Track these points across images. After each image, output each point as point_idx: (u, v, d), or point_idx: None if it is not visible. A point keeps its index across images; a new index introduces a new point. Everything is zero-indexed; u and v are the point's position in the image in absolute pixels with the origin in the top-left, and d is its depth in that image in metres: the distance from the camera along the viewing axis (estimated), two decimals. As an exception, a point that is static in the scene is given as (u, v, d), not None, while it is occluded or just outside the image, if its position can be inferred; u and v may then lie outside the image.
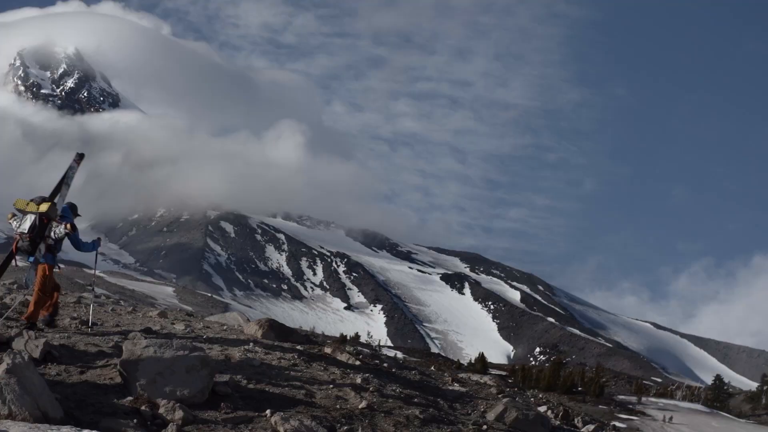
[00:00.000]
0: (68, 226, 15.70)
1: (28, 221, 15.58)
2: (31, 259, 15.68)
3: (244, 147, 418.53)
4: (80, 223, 16.74)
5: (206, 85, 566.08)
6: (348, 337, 54.47)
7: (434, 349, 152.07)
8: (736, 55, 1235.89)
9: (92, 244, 16.62)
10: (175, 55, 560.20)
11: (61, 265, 17.11)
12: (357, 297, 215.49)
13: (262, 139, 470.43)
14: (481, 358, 51.21)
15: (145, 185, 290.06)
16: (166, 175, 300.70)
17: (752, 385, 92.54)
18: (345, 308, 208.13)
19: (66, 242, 16.11)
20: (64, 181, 16.08)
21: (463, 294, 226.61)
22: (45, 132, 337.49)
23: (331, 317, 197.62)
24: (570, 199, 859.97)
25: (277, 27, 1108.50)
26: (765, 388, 64.94)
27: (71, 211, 16.57)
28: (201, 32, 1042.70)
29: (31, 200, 15.73)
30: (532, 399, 23.57)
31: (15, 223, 15.84)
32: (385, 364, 17.99)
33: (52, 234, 15.69)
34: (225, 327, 19.11)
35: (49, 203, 15.61)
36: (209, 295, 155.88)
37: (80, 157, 16.60)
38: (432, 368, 25.62)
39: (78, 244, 16.31)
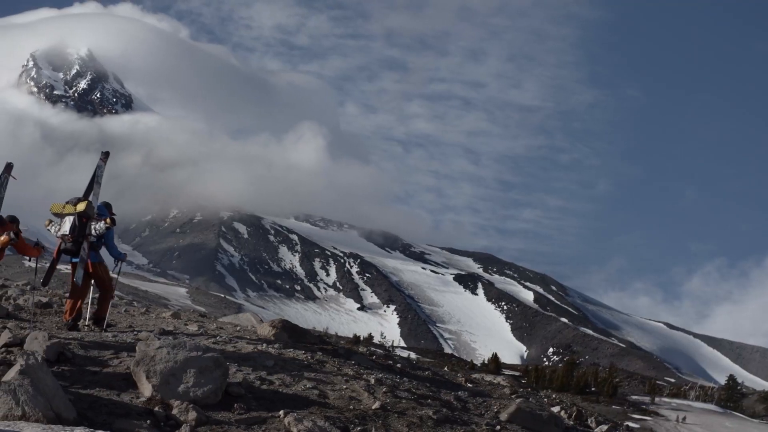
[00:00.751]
0: (108, 220, 16.09)
1: (68, 223, 15.94)
2: (76, 259, 15.97)
3: (263, 149, 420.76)
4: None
5: (222, 88, 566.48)
6: (361, 338, 54.51)
7: (447, 350, 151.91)
8: (748, 56, 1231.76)
9: (121, 253, 16.93)
10: (191, 57, 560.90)
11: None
12: (370, 298, 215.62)
13: (280, 142, 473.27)
14: (495, 358, 51.26)
15: (163, 187, 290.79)
16: (185, 177, 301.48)
17: (766, 385, 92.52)
18: (358, 309, 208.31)
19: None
20: (95, 180, 16.53)
21: (477, 294, 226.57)
22: (63, 134, 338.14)
23: (345, 318, 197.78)
24: (583, 200, 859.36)
25: (290, 28, 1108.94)
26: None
27: (106, 209, 16.86)
28: (214, 34, 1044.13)
29: (67, 202, 16.12)
30: (545, 399, 23.53)
31: (53, 228, 16.16)
32: (399, 365, 17.97)
33: (93, 231, 16.01)
34: (238, 328, 19.11)
35: (86, 201, 16.02)
36: (222, 296, 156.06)
37: (106, 155, 17.12)
38: (445, 369, 25.61)
39: (110, 242, 16.64)
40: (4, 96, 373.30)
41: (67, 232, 15.92)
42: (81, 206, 15.96)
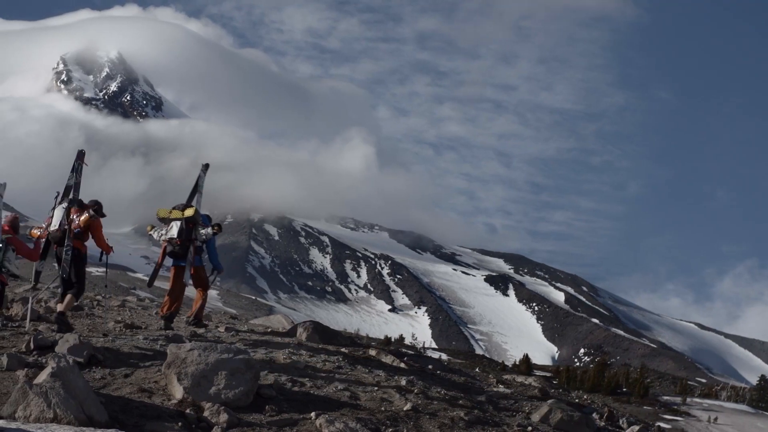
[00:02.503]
0: (215, 227, 16.94)
1: (175, 227, 16.76)
2: (182, 262, 16.85)
3: (305, 155, 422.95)
4: (125, 227, 16.99)
5: (259, 93, 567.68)
6: (392, 339, 54.43)
7: (479, 351, 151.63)
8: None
9: (220, 264, 17.74)
10: (229, 62, 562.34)
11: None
12: (401, 299, 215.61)
13: (322, 147, 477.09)
14: (526, 359, 51.08)
15: (208, 191, 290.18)
16: (230, 181, 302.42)
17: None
18: (389, 310, 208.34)
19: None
20: (198, 189, 17.39)
21: (508, 295, 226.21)
22: (107, 137, 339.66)
23: (376, 319, 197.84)
24: (614, 201, 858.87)
25: (321, 32, 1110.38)
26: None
27: (208, 219, 17.73)
28: (246, 38, 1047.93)
29: (174, 208, 16.95)
30: (576, 400, 23.43)
31: (156, 233, 17.01)
32: (430, 366, 17.92)
33: (199, 237, 16.80)
34: (269, 329, 19.11)
35: (193, 208, 16.86)
36: (253, 297, 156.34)
37: (206, 166, 17.91)
38: (476, 370, 25.57)
39: (213, 249, 17.47)
40: (47, 100, 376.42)
41: (175, 236, 16.74)
42: (189, 212, 16.83)
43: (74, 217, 15.73)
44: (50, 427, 9.60)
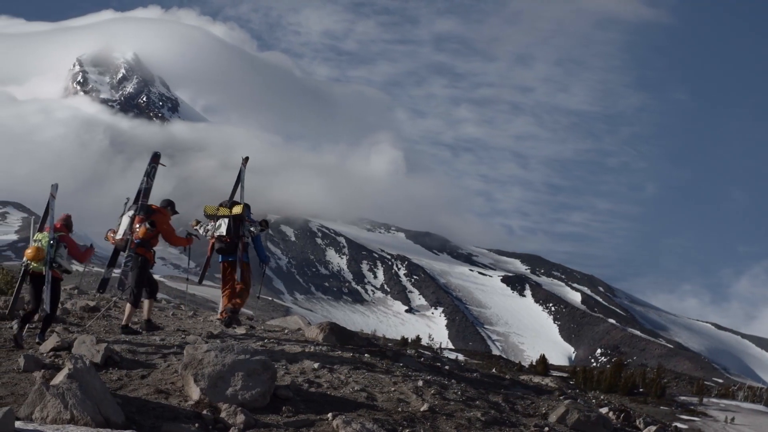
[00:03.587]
0: (262, 224, 17.36)
1: (224, 225, 17.10)
2: (231, 258, 17.21)
3: (331, 159, 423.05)
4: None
5: (281, 96, 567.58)
6: (409, 340, 54.39)
7: (495, 352, 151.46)
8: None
9: (267, 257, 18.33)
10: (250, 65, 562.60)
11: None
12: (418, 300, 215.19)
13: (346, 151, 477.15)
14: (542, 360, 50.98)
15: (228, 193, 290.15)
16: (256, 184, 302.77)
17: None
18: (406, 311, 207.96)
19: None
20: (239, 183, 17.84)
21: (524, 296, 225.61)
22: (131, 139, 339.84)
23: (392, 320, 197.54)
24: (631, 202, 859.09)
25: (338, 34, 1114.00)
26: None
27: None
28: (263, 40, 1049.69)
29: (221, 205, 17.31)
30: (593, 400, 23.37)
31: (202, 229, 17.36)
32: (447, 367, 17.88)
33: (247, 233, 17.19)
34: (286, 331, 19.10)
35: (241, 205, 17.21)
36: (270, 298, 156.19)
37: (246, 159, 18.25)
38: (493, 370, 25.51)
39: (260, 245, 17.93)
40: (72, 102, 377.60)
41: (224, 233, 17.04)
42: (237, 209, 17.18)
43: (137, 226, 16.20)
44: (67, 429, 9.61)
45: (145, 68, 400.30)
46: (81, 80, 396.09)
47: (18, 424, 9.38)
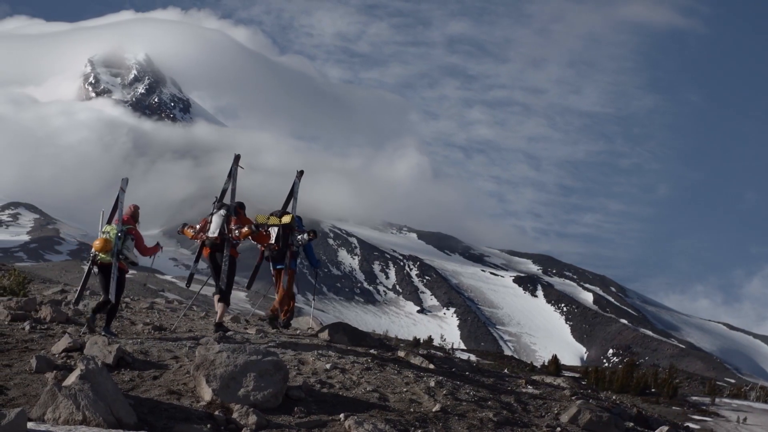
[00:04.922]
0: (311, 233, 17.87)
1: (273, 234, 17.70)
2: (279, 266, 18.08)
3: (354, 162, 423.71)
4: (151, 229, 17.15)
5: (299, 100, 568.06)
6: (421, 341, 54.36)
7: (507, 352, 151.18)
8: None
9: (318, 262, 19.09)
10: (268, 68, 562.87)
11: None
12: (430, 300, 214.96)
13: (370, 154, 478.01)
14: (554, 360, 50.89)
15: (258, 196, 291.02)
16: (283, 188, 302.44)
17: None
18: (418, 312, 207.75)
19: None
20: (293, 195, 18.48)
21: (536, 296, 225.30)
22: (153, 141, 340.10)
23: (404, 321, 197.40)
24: (643, 203, 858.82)
25: (350, 36, 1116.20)
26: None
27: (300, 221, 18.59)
28: (276, 41, 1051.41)
29: (271, 214, 17.94)
30: (605, 401, 23.33)
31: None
32: (459, 367, 17.86)
33: (295, 242, 17.88)
34: (298, 331, 19.10)
35: (290, 215, 17.86)
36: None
37: (301, 173, 19.03)
38: (505, 371, 25.47)
39: (311, 251, 18.59)
40: (92, 104, 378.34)
41: (273, 242, 17.74)
42: (286, 219, 17.81)
43: (233, 227, 16.55)
44: (79, 429, 9.62)
45: (157, 69, 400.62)
46: (93, 81, 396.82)
47: (30, 425, 9.39)
